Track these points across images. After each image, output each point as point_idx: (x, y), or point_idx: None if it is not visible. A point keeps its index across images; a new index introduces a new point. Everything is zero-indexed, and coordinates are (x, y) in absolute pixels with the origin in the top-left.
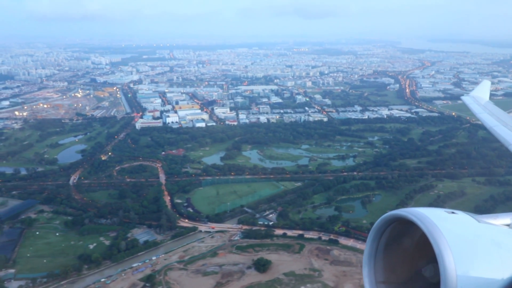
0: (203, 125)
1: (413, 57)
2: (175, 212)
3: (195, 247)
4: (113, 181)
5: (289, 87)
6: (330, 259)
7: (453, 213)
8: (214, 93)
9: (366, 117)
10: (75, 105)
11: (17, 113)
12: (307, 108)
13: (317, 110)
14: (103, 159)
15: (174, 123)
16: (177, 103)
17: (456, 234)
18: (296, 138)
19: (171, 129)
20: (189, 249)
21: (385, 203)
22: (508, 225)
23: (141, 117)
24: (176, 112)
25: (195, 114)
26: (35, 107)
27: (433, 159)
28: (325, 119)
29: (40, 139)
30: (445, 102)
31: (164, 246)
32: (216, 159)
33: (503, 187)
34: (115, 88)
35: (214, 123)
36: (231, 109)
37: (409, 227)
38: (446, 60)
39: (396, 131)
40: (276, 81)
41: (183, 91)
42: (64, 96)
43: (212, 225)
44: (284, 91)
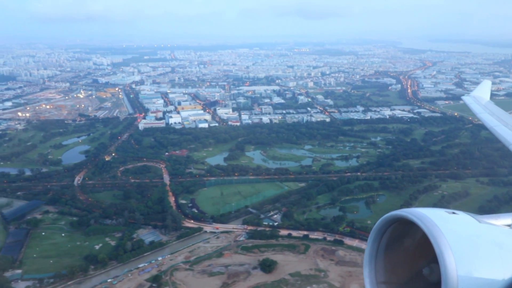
0: (205, 125)
1: (414, 57)
2: (180, 212)
3: (201, 247)
4: (117, 181)
5: (290, 88)
6: (335, 260)
7: (454, 213)
8: (216, 94)
9: (368, 118)
10: (78, 105)
11: (20, 114)
12: (309, 108)
13: (319, 110)
14: (107, 159)
15: (177, 123)
16: (180, 103)
17: (457, 234)
18: (299, 138)
19: (174, 129)
20: (194, 249)
21: (389, 203)
22: (509, 226)
23: (144, 118)
24: (178, 112)
25: (197, 114)
26: (37, 108)
27: (436, 159)
28: (328, 120)
29: (43, 140)
30: (447, 102)
31: (169, 246)
32: (219, 160)
33: (507, 187)
34: (117, 88)
35: (216, 124)
36: (233, 110)
37: (410, 228)
38: (447, 60)
39: (398, 131)
40: (277, 81)
41: (185, 91)
42: (66, 97)
43: (216, 226)
44: (286, 92)
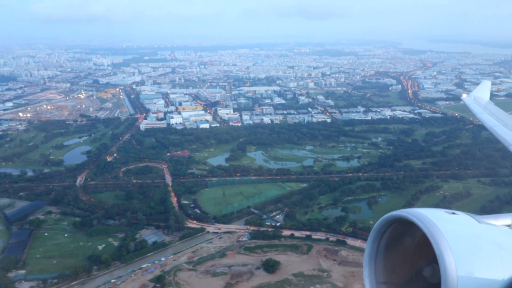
0: (207, 126)
1: (414, 58)
2: (182, 213)
3: (204, 248)
4: (119, 182)
5: (291, 88)
6: (338, 260)
7: (454, 213)
8: (217, 94)
9: (369, 118)
10: (79, 106)
11: (21, 114)
12: (310, 109)
13: (320, 111)
14: (108, 160)
15: (178, 124)
16: (180, 104)
17: (456, 234)
18: (300, 139)
19: (175, 130)
20: (197, 250)
21: (391, 204)
22: (508, 226)
23: (145, 118)
24: (179, 113)
25: (198, 115)
26: (38, 108)
27: (437, 160)
28: (329, 120)
29: (45, 141)
30: (447, 103)
31: (172, 247)
32: (221, 160)
33: (508, 188)
34: (117, 89)
35: (218, 124)
36: (234, 110)
37: (410, 228)
38: (447, 60)
39: (399, 132)
40: (278, 82)
41: (186, 92)
42: (67, 97)
43: (218, 226)
44: (286, 92)
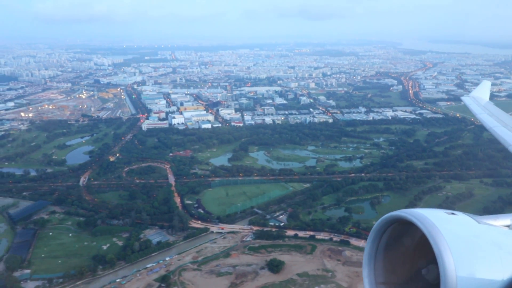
0: (209, 126)
1: (414, 58)
2: (186, 213)
3: (208, 247)
4: (122, 182)
5: (292, 88)
6: (342, 260)
7: (453, 214)
8: (218, 94)
9: (371, 119)
10: (80, 106)
11: (22, 114)
12: (311, 109)
13: (321, 111)
14: (111, 160)
15: (180, 124)
16: (182, 104)
17: (456, 235)
18: (302, 139)
19: (178, 130)
20: (202, 249)
21: (394, 204)
22: (508, 226)
23: (147, 118)
24: (181, 113)
25: (200, 115)
26: (40, 108)
27: (439, 160)
28: (330, 121)
29: (47, 140)
30: (448, 103)
31: (176, 247)
32: (223, 160)
33: (510, 189)
34: (118, 89)
35: (219, 125)
36: (236, 110)
37: (409, 228)
38: (447, 61)
39: (401, 132)
40: (279, 82)
41: (187, 92)
42: (68, 97)
43: (221, 226)
44: (288, 93)
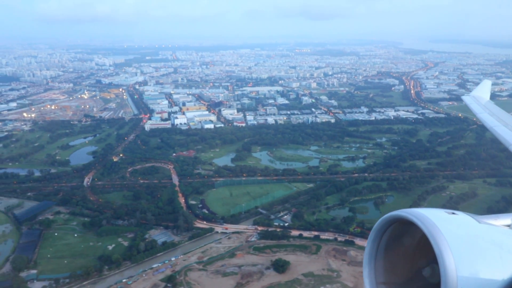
0: (211, 126)
1: (415, 58)
2: (190, 213)
3: (213, 248)
4: (126, 182)
5: (294, 88)
6: (347, 260)
7: (454, 213)
8: (220, 94)
9: (373, 118)
10: (83, 106)
11: (25, 114)
12: (313, 109)
13: (323, 111)
14: (115, 160)
15: (182, 124)
16: (184, 104)
17: (456, 234)
18: (304, 139)
19: (180, 130)
20: (207, 250)
21: (398, 204)
22: (508, 226)
23: (149, 119)
24: (183, 113)
25: (202, 115)
26: (42, 108)
27: (442, 160)
28: (333, 121)
29: (50, 141)
30: (450, 103)
31: (182, 247)
32: (226, 161)
33: None
34: (120, 89)
35: (222, 125)
36: (238, 111)
37: (410, 228)
38: (448, 60)
39: (404, 132)
40: (280, 82)
41: (189, 92)
42: (70, 97)
43: (225, 226)
44: (289, 92)
